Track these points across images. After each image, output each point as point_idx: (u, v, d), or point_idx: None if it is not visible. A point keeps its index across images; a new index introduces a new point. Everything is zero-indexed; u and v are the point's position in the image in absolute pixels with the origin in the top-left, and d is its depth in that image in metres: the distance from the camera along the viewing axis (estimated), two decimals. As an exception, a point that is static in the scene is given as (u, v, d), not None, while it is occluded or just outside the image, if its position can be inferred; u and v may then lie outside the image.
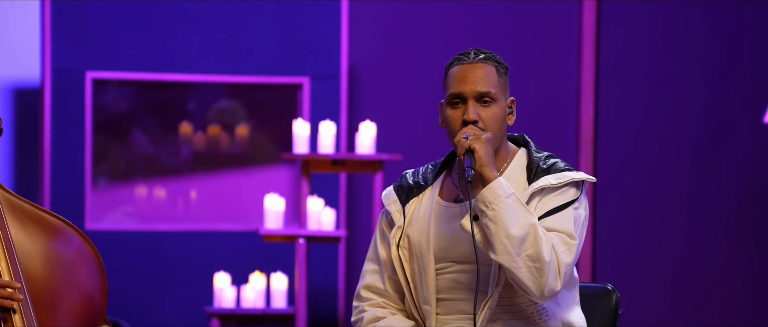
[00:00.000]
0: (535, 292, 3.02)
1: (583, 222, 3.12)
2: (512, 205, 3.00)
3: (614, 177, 7.25)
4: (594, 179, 3.18)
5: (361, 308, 3.27)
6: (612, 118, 7.27)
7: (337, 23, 6.86)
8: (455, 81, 3.15)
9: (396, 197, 3.24)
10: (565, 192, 3.11)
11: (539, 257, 2.99)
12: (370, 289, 3.27)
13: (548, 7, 7.22)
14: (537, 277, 3.00)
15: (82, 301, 2.91)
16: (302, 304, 6.19)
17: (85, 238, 2.94)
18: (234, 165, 7.03)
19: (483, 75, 3.13)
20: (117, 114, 6.94)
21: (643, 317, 7.28)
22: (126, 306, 6.79)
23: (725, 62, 7.31)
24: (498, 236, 2.99)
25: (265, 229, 6.21)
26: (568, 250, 3.05)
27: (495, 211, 3.00)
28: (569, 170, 3.13)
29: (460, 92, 3.13)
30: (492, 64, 3.16)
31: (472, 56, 3.16)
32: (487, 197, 3.01)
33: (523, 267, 2.99)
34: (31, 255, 2.86)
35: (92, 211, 6.82)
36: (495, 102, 3.13)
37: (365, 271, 3.29)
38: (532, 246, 2.99)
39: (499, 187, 3.01)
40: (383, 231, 3.26)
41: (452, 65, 3.19)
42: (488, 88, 3.13)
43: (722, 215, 7.33)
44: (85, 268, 2.93)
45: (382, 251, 3.25)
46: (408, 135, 7.08)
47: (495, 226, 3.00)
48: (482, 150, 3.04)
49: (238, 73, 6.87)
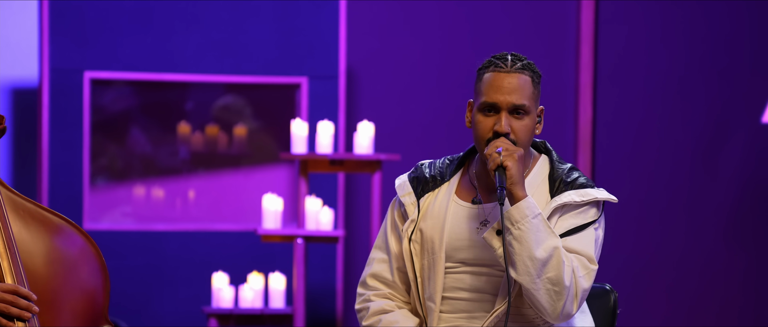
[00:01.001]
0: (551, 315, 3.03)
1: (600, 243, 3.13)
2: (538, 226, 2.99)
3: (612, 177, 7.25)
4: (616, 200, 3.16)
5: (366, 297, 3.23)
6: (610, 119, 7.28)
7: (335, 23, 6.85)
8: (490, 89, 3.09)
9: (411, 189, 3.20)
10: (586, 211, 3.10)
11: (560, 281, 2.99)
12: (377, 278, 3.23)
13: (546, 7, 7.22)
14: (555, 300, 3.00)
15: (84, 300, 2.90)
16: (300, 304, 6.18)
17: (87, 236, 2.94)
18: (232, 165, 7.03)
19: (519, 86, 3.09)
20: (115, 114, 6.93)
21: (641, 317, 7.28)
22: (124, 306, 6.79)
23: (724, 62, 7.32)
24: (521, 256, 2.98)
25: (264, 229, 6.20)
26: (588, 274, 3.05)
27: (520, 230, 2.98)
28: (591, 188, 3.11)
29: (494, 103, 3.09)
30: (528, 75, 3.11)
31: (509, 63, 3.11)
32: (514, 216, 2.99)
33: (542, 289, 2.99)
34: (33, 253, 2.85)
35: (90, 211, 6.82)
36: (528, 115, 3.11)
37: (373, 258, 3.25)
38: (553, 269, 2.99)
39: (527, 207, 3.00)
40: (395, 222, 3.22)
41: (487, 70, 3.13)
42: (523, 101, 3.10)
43: (721, 215, 7.33)
44: (87, 267, 2.92)
45: (392, 242, 3.21)
46: (406, 135, 7.08)
47: (519, 245, 2.98)
48: (514, 168, 3.02)
49: (237, 73, 6.86)
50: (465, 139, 7.07)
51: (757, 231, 7.35)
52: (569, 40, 7.25)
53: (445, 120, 7.12)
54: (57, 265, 2.87)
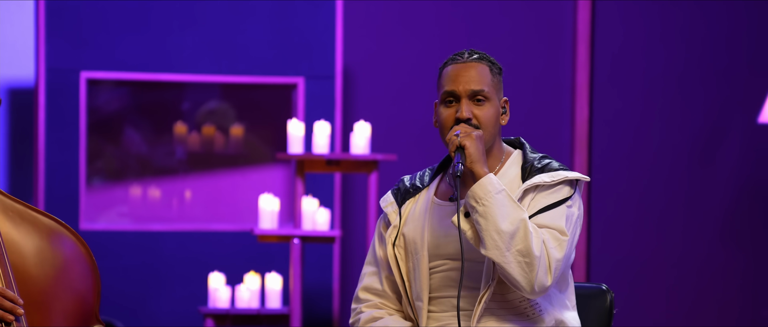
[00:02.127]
0: (526, 287, 3.04)
1: (576, 220, 3.14)
2: (502, 200, 3.03)
3: (609, 177, 7.25)
4: (588, 178, 3.20)
5: (358, 310, 3.30)
6: (607, 118, 7.27)
7: (331, 23, 6.85)
8: (449, 80, 3.18)
9: (393, 200, 3.29)
10: (559, 190, 3.13)
11: (529, 252, 3.01)
12: (368, 290, 3.29)
13: (543, 7, 7.22)
14: (527, 272, 3.02)
15: (74, 301, 2.90)
16: (297, 305, 6.18)
17: (78, 237, 2.94)
18: (228, 165, 7.03)
19: (476, 74, 3.17)
20: (111, 114, 6.93)
21: (637, 317, 7.28)
22: (120, 306, 6.79)
23: (720, 62, 7.32)
24: (488, 231, 3.02)
25: (260, 229, 6.20)
26: (559, 245, 3.06)
27: (485, 206, 3.02)
28: (563, 170, 3.16)
29: (453, 90, 3.17)
30: (485, 64, 3.19)
31: (465, 56, 3.20)
32: (478, 193, 3.04)
33: (513, 262, 3.01)
34: (23, 255, 2.86)
35: (87, 211, 6.82)
36: (488, 101, 3.16)
37: (364, 274, 3.32)
38: (522, 241, 3.01)
39: (489, 183, 3.04)
40: (380, 233, 3.30)
41: (446, 65, 3.22)
42: (481, 87, 3.16)
43: (718, 215, 7.33)
44: (77, 267, 2.92)
45: (379, 252, 3.29)
46: (403, 135, 7.08)
47: (485, 221, 3.02)
48: (472, 146, 3.07)
49: (233, 73, 6.86)
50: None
51: (754, 230, 7.35)
52: (566, 40, 7.25)
53: (441, 120, 7.11)
54: (47, 266, 2.88)
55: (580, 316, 3.34)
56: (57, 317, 2.85)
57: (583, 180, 3.17)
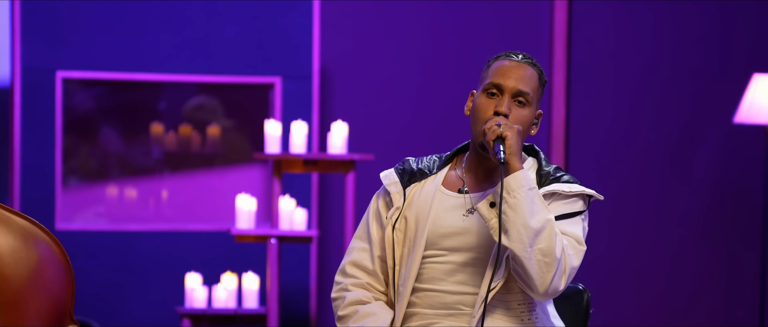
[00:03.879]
0: (539, 287, 3.04)
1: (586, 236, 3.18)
2: (533, 197, 3.04)
3: (585, 176, 7.27)
4: (602, 197, 3.23)
5: (344, 286, 3.24)
6: (583, 118, 7.29)
7: (308, 23, 6.85)
8: (498, 72, 3.18)
9: (397, 179, 3.25)
10: (574, 203, 3.16)
11: (551, 253, 3.02)
12: (357, 266, 3.25)
13: (519, 7, 7.23)
14: (545, 272, 3.03)
15: (48, 301, 2.89)
16: (274, 304, 6.18)
17: (53, 238, 2.93)
18: (206, 165, 7.02)
19: (526, 75, 3.18)
20: (87, 114, 6.91)
21: (614, 317, 7.30)
22: (97, 306, 6.77)
23: (696, 63, 7.34)
24: (515, 224, 3.02)
25: (237, 229, 6.19)
26: (576, 254, 3.09)
27: (516, 199, 3.03)
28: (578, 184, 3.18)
29: (500, 84, 3.16)
30: (536, 71, 3.21)
31: (520, 57, 3.21)
32: (511, 184, 3.04)
33: (533, 259, 3.02)
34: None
35: (63, 211, 6.80)
36: (528, 105, 3.17)
37: (353, 247, 3.27)
38: (545, 240, 3.02)
39: (523, 177, 3.05)
40: (378, 210, 3.25)
41: (498, 58, 3.22)
42: (527, 89, 3.17)
43: (693, 215, 7.36)
44: (51, 268, 2.91)
45: (374, 230, 3.25)
46: (380, 135, 7.08)
47: (514, 213, 3.02)
48: (513, 138, 3.07)
49: (210, 73, 6.85)
50: (438, 137, 7.08)
51: (728, 230, 7.38)
52: (542, 40, 7.26)
53: (419, 120, 7.12)
54: (21, 267, 2.86)
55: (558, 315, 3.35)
56: (31, 317, 2.84)
57: (597, 197, 3.20)
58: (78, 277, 6.34)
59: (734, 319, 7.38)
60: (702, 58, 7.34)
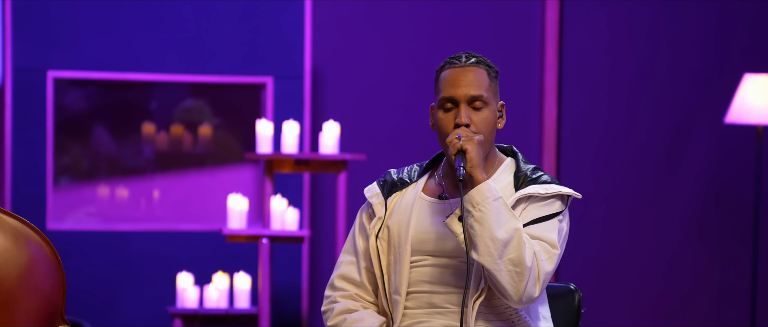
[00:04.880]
0: (513, 297, 3.04)
1: (565, 236, 3.17)
2: (499, 208, 3.03)
3: (577, 177, 7.27)
4: (579, 195, 3.21)
5: (333, 298, 3.28)
6: (575, 119, 7.30)
7: (300, 23, 6.85)
8: (447, 85, 3.17)
9: (379, 190, 3.29)
10: (551, 204, 3.15)
11: (521, 262, 3.02)
12: (345, 278, 3.28)
13: (511, 7, 7.23)
14: (517, 281, 3.03)
15: (39, 301, 2.89)
16: (265, 304, 6.18)
17: (43, 237, 2.92)
18: (197, 165, 7.01)
19: (475, 79, 3.17)
20: (79, 113, 6.90)
21: (605, 317, 7.31)
22: (88, 306, 6.76)
23: (687, 63, 7.35)
24: (482, 237, 3.02)
25: (229, 229, 6.19)
26: (550, 258, 3.08)
27: (481, 212, 3.03)
28: (555, 184, 3.18)
29: (452, 96, 3.16)
30: (483, 68, 3.20)
31: (463, 60, 3.20)
32: (475, 198, 3.04)
33: (504, 270, 3.02)
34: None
35: (54, 211, 6.79)
36: (486, 106, 3.17)
37: (341, 261, 3.30)
38: (514, 250, 3.02)
39: (487, 189, 3.05)
40: (362, 223, 3.29)
41: (443, 69, 3.21)
42: (480, 92, 3.16)
43: (685, 215, 7.37)
44: (42, 268, 2.91)
45: (360, 242, 3.28)
46: (372, 135, 7.08)
47: (480, 226, 3.02)
48: (473, 151, 3.08)
49: (201, 73, 6.85)
50: (430, 137, 7.08)
51: (720, 230, 7.39)
52: (534, 40, 7.27)
53: (410, 119, 7.12)
54: (11, 266, 2.86)
55: (549, 315, 3.35)
56: (21, 317, 2.84)
57: (575, 196, 3.19)
58: (69, 277, 6.33)
59: (726, 319, 7.39)
60: (693, 58, 7.35)
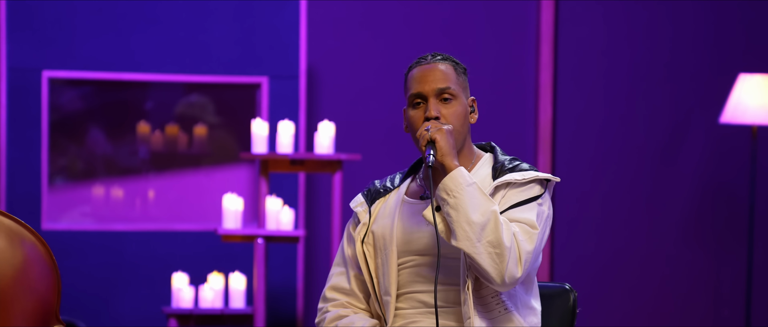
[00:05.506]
0: (496, 279, 3.05)
1: (547, 218, 3.17)
2: (473, 193, 3.06)
3: (572, 177, 7.27)
4: (558, 179, 3.25)
5: (324, 309, 3.32)
6: (570, 118, 7.30)
7: (295, 23, 6.85)
8: (415, 82, 3.23)
9: (363, 200, 3.34)
10: (530, 188, 3.17)
11: (500, 243, 3.03)
12: (335, 289, 3.33)
13: (506, 7, 7.24)
14: (497, 262, 3.04)
15: (34, 301, 2.89)
16: (261, 304, 6.17)
17: (38, 237, 2.92)
18: (192, 165, 7.01)
19: (441, 73, 3.21)
20: (74, 113, 6.89)
21: (600, 317, 7.31)
22: (83, 306, 6.75)
23: (683, 63, 7.35)
24: (459, 223, 3.04)
25: (224, 228, 6.19)
26: (529, 238, 3.09)
27: (456, 198, 3.05)
28: (534, 170, 3.20)
29: (419, 91, 3.21)
30: (450, 64, 3.24)
31: (429, 59, 3.25)
32: (449, 185, 3.07)
33: (483, 253, 3.03)
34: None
35: (49, 211, 6.78)
36: (455, 99, 3.21)
37: (331, 274, 3.35)
38: (492, 232, 3.03)
39: (460, 176, 3.07)
40: (349, 233, 3.34)
41: (411, 69, 3.27)
42: (447, 84, 3.20)
43: (680, 215, 7.37)
44: (37, 268, 2.91)
45: (347, 251, 3.33)
46: (367, 135, 7.08)
47: (456, 213, 3.04)
48: (443, 140, 3.11)
49: (197, 73, 6.84)
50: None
51: (715, 230, 7.40)
52: (529, 40, 7.27)
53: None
54: (6, 267, 2.86)
55: (544, 315, 3.35)
56: (16, 317, 2.83)
57: (554, 180, 3.21)
58: (64, 277, 6.32)
59: (721, 319, 7.39)
60: (688, 58, 7.36)
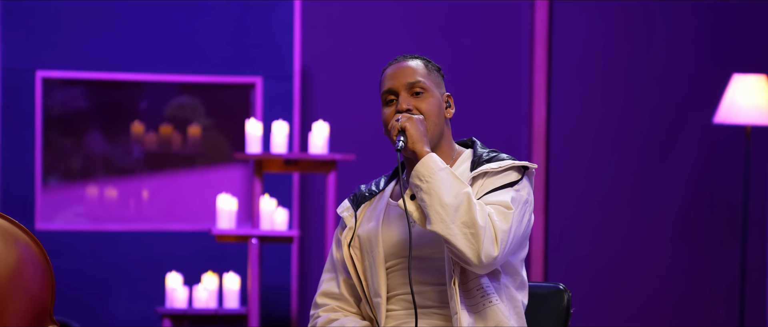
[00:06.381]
0: (473, 259, 3.05)
1: (525, 203, 3.17)
2: (445, 176, 3.08)
3: (566, 177, 7.28)
4: (535, 166, 3.26)
5: (316, 315, 3.35)
6: (564, 119, 7.30)
7: (289, 23, 6.84)
8: (386, 80, 3.26)
9: (349, 205, 3.36)
10: (507, 175, 3.19)
11: (474, 223, 3.04)
12: (325, 295, 3.35)
13: (500, 8, 7.24)
14: (473, 242, 3.04)
15: (28, 301, 2.88)
16: (255, 305, 6.17)
17: (32, 237, 2.92)
18: (186, 165, 7.00)
19: (411, 69, 3.24)
20: (68, 113, 6.89)
21: (594, 317, 7.32)
22: (77, 306, 6.75)
23: (676, 63, 7.36)
24: (432, 206, 3.05)
25: (218, 229, 6.18)
26: (504, 218, 3.09)
27: (429, 183, 3.07)
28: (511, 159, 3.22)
29: (390, 88, 3.24)
30: (421, 60, 3.28)
31: (400, 58, 3.29)
32: (421, 171, 3.09)
33: (458, 233, 3.04)
34: (-25, 255, 2.84)
35: (43, 212, 6.77)
36: (426, 92, 3.23)
37: (322, 280, 3.38)
38: (466, 213, 3.05)
39: (431, 161, 3.09)
40: (337, 238, 3.36)
41: (383, 70, 3.30)
42: (417, 78, 3.23)
43: (674, 215, 7.38)
44: (31, 268, 2.90)
45: (336, 255, 3.35)
46: (361, 135, 7.08)
47: (429, 197, 3.06)
48: (413, 128, 3.13)
49: (191, 73, 6.84)
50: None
51: (709, 230, 7.41)
52: (523, 40, 7.27)
53: (400, 120, 7.12)
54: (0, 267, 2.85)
55: (537, 315, 3.35)
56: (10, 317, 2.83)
57: (531, 167, 3.22)
58: (58, 277, 6.32)
59: (715, 319, 7.40)
60: (682, 58, 7.36)
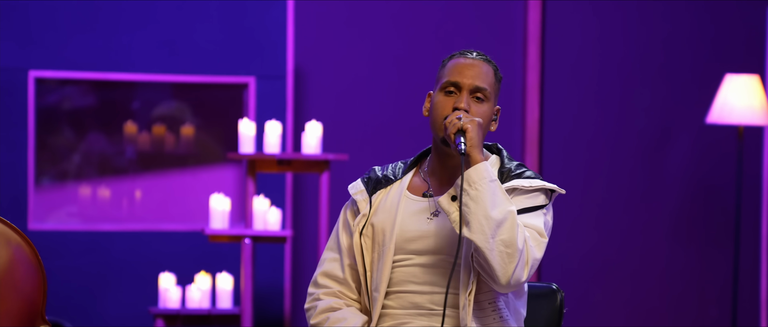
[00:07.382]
0: (501, 279, 3.04)
1: (549, 229, 3.18)
2: (494, 189, 3.06)
3: (559, 177, 7.28)
4: (563, 191, 3.24)
5: (316, 295, 3.27)
6: (557, 119, 7.31)
7: (282, 23, 6.84)
8: (455, 70, 3.20)
9: (363, 187, 3.28)
10: (535, 197, 3.17)
11: (513, 243, 3.03)
12: (328, 276, 3.27)
13: (493, 8, 7.24)
14: (507, 262, 3.03)
15: (19, 301, 2.88)
16: (248, 305, 6.17)
17: (24, 238, 2.91)
18: (179, 165, 7.00)
19: (482, 72, 3.20)
20: (60, 113, 6.88)
21: (587, 317, 7.32)
22: (70, 307, 6.74)
23: (670, 63, 7.37)
24: (476, 215, 3.03)
25: (211, 229, 6.18)
26: (538, 246, 3.10)
27: (477, 191, 3.04)
28: (539, 179, 3.20)
29: (457, 81, 3.18)
30: (492, 67, 3.23)
31: (474, 54, 3.23)
32: (472, 176, 3.06)
33: (495, 250, 3.03)
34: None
35: (35, 212, 6.76)
36: (486, 101, 3.19)
37: (324, 258, 3.30)
38: (507, 231, 3.03)
39: (484, 169, 3.07)
40: (346, 220, 3.28)
41: (452, 57, 3.24)
42: (485, 85, 3.19)
43: (666, 215, 7.38)
44: (23, 268, 2.90)
45: (343, 239, 3.27)
46: (354, 135, 7.07)
47: (475, 205, 3.04)
48: (474, 131, 3.09)
49: (184, 73, 6.83)
50: (412, 137, 7.08)
51: (702, 230, 7.41)
52: (516, 40, 7.27)
53: (393, 119, 7.12)
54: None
55: (530, 315, 3.35)
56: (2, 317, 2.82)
57: (559, 191, 3.21)
58: (50, 278, 6.31)
59: (708, 318, 7.41)
60: (675, 58, 7.37)
